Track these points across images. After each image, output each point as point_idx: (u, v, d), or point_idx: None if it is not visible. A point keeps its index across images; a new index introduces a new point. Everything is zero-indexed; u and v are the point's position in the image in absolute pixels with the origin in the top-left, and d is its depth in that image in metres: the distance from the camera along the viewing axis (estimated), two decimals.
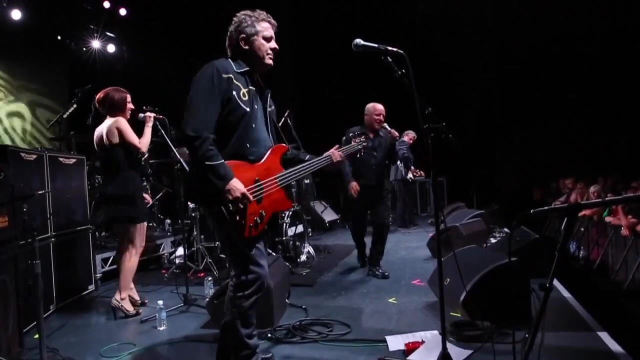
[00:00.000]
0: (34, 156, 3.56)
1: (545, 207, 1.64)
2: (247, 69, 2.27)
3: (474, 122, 10.70)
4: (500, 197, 9.70)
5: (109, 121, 3.49)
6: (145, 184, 5.78)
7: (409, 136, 7.64)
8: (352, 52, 2.29)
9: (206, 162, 2.03)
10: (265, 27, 2.29)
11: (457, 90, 10.28)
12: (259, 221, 2.15)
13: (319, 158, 2.52)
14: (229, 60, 2.27)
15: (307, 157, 2.52)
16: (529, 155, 10.46)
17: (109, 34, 7.92)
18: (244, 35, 2.26)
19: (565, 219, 1.54)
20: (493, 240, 5.73)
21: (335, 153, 2.55)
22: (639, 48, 8.38)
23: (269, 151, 2.29)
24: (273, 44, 2.31)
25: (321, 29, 9.80)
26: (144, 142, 3.50)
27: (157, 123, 3.65)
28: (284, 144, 2.42)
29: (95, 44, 7.77)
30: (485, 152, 10.50)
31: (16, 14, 6.47)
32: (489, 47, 9.97)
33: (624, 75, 8.72)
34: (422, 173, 8.35)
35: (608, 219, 5.75)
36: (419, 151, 7.86)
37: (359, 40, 2.24)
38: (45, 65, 7.57)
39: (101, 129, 3.52)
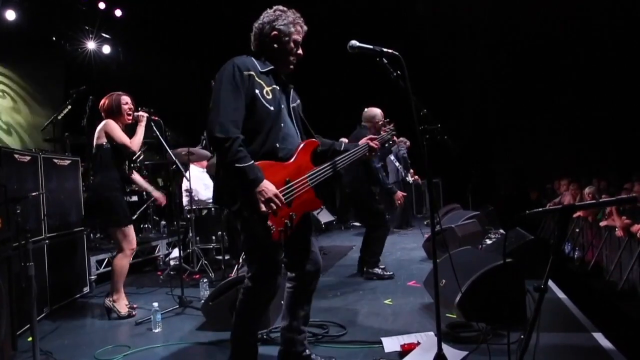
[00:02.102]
0: (28, 157, 3.54)
1: (540, 209, 1.65)
2: (272, 67, 2.20)
3: (470, 124, 10.75)
4: (496, 199, 9.74)
5: (101, 123, 3.52)
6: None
7: (408, 144, 7.74)
8: (347, 54, 2.28)
9: (236, 165, 1.95)
10: (298, 31, 2.24)
11: (453, 91, 10.32)
12: (289, 224, 2.06)
13: (353, 150, 2.46)
14: (252, 57, 2.19)
15: (342, 147, 2.44)
16: (525, 156, 10.52)
17: (104, 34, 7.91)
18: (276, 33, 2.20)
19: (560, 220, 1.55)
20: (488, 242, 5.73)
21: (370, 143, 2.54)
22: (635, 51, 8.44)
23: (298, 148, 2.20)
24: (299, 50, 2.27)
25: (316, 29, 9.81)
26: (135, 142, 3.51)
27: (152, 124, 3.66)
28: (314, 139, 2.32)
29: (91, 44, 7.75)
30: (481, 153, 10.54)
31: (10, 15, 6.44)
32: (485, 48, 10.02)
33: (619, 78, 8.79)
34: (419, 179, 8.40)
35: (602, 223, 5.79)
36: (414, 153, 7.89)
37: (354, 42, 2.23)
38: (40, 66, 7.54)
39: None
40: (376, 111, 4.52)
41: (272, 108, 2.12)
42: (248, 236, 2.18)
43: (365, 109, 4.58)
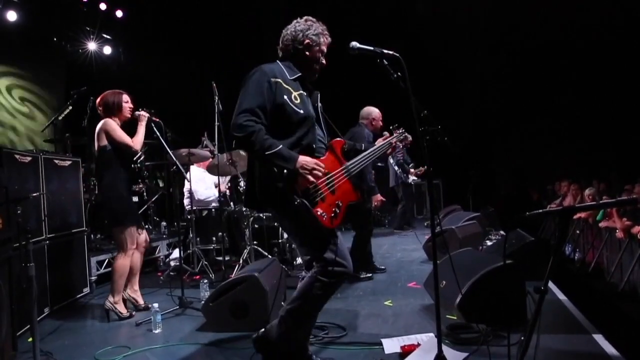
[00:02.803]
0: (29, 158, 3.54)
1: (540, 210, 1.65)
2: (300, 74, 2.30)
3: (470, 124, 10.74)
4: (496, 199, 9.73)
5: (99, 124, 3.49)
6: (141, 185, 5.77)
7: (409, 139, 7.68)
8: (347, 54, 2.29)
9: (267, 153, 2.03)
10: (325, 43, 2.37)
11: (453, 92, 10.31)
12: (337, 211, 2.19)
13: (378, 145, 2.67)
14: (279, 63, 2.30)
15: (363, 147, 2.61)
16: (525, 157, 10.50)
17: (105, 35, 7.92)
18: (308, 41, 2.31)
19: (560, 221, 1.55)
20: (489, 243, 5.74)
21: (392, 139, 2.75)
22: (635, 51, 8.43)
23: (329, 146, 2.34)
24: (324, 60, 2.39)
25: None
26: (136, 141, 3.50)
27: (153, 125, 3.65)
28: (340, 138, 2.46)
29: (92, 45, 7.76)
30: (481, 154, 10.53)
31: (12, 15, 6.45)
32: (485, 48, 10.01)
33: (620, 78, 8.78)
34: (422, 169, 8.33)
35: (602, 224, 5.78)
36: (415, 154, 7.87)
37: (355, 43, 2.25)
38: (41, 67, 7.55)
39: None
40: (373, 109, 4.62)
41: (301, 112, 2.22)
42: (302, 231, 2.25)
43: (364, 108, 4.66)
